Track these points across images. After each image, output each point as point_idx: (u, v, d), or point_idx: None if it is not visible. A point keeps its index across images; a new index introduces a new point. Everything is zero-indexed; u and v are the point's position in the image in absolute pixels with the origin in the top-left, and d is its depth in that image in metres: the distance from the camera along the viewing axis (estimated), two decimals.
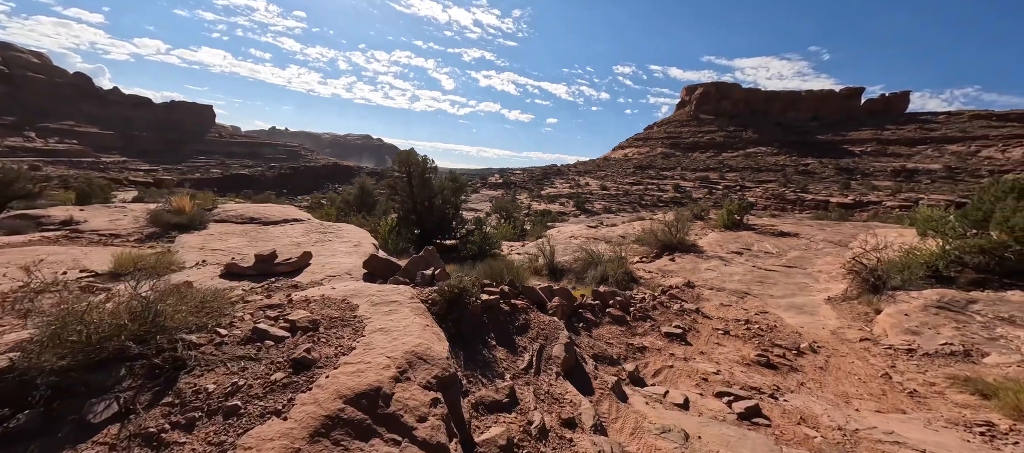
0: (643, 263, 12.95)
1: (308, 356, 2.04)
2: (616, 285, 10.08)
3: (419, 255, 4.19)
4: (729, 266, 11.81)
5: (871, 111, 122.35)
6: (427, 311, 2.95)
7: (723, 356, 4.92)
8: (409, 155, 15.13)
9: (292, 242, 5.30)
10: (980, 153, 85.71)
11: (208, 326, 2.16)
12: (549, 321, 3.72)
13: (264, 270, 3.90)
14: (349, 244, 5.41)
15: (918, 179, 78.63)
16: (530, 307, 3.89)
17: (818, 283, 10.10)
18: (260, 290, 3.29)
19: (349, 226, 7.02)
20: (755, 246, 14.98)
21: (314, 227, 6.21)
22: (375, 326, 2.49)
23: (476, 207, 61.09)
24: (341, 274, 4.03)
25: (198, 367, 1.85)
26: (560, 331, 3.62)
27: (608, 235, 20.36)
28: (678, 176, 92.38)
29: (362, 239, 5.82)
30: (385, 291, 3.12)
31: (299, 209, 7.93)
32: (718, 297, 9.01)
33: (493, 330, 3.31)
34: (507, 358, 3.03)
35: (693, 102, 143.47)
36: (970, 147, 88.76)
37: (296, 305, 2.77)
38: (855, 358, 5.50)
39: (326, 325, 2.47)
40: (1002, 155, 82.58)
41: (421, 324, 2.62)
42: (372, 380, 1.94)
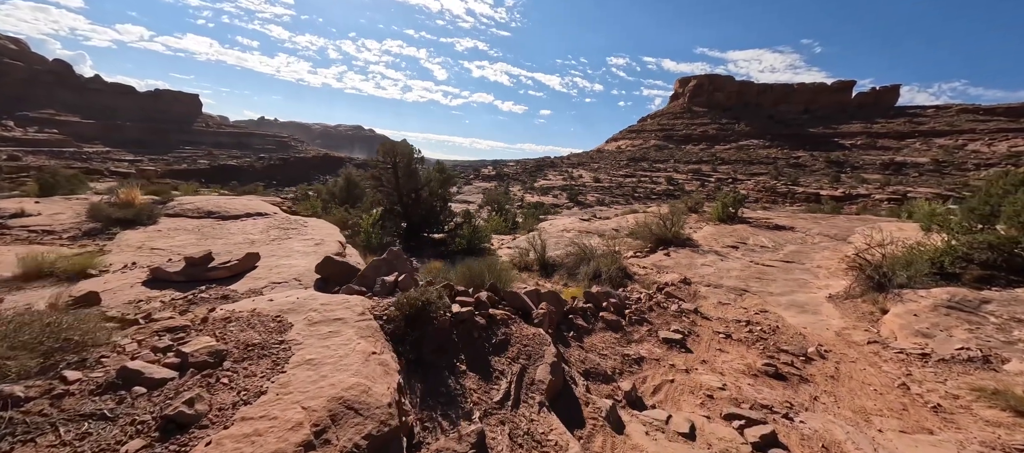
0: (637, 258, 12.51)
1: (189, 411, 1.49)
2: (610, 282, 9.62)
3: (381, 258, 3.63)
4: (726, 261, 11.41)
5: (862, 104, 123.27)
6: (379, 331, 2.42)
7: (727, 365, 4.46)
8: (394, 145, 14.45)
9: (246, 240, 4.71)
10: (967, 147, 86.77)
11: (52, 368, 1.59)
12: (534, 334, 3.20)
13: (194, 276, 3.32)
14: (310, 243, 4.83)
15: (906, 172, 79.44)
16: (512, 317, 3.37)
17: (818, 279, 9.73)
18: (179, 302, 2.73)
19: (318, 221, 6.43)
20: (750, 240, 14.62)
21: (278, 222, 5.62)
22: (303, 357, 1.96)
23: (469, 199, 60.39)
24: (288, 280, 3.47)
25: (7, 438, 1.28)
26: (546, 347, 3.10)
27: (601, 228, 19.91)
28: (671, 168, 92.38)
29: (327, 236, 5.24)
30: (332, 305, 2.58)
31: (268, 202, 7.31)
32: (716, 295, 8.59)
33: (465, 350, 2.78)
34: (479, 388, 2.51)
35: (686, 94, 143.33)
36: (957, 140, 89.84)
37: (209, 326, 2.21)
38: (866, 364, 5.09)
39: (237, 357, 1.93)
40: (988, 148, 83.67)
41: (364, 352, 2.09)
42: (270, 451, 1.39)
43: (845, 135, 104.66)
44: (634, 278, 10.08)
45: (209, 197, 6.74)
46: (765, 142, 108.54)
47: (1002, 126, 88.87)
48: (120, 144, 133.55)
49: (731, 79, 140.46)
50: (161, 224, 5.25)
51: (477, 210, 33.17)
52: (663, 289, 8.58)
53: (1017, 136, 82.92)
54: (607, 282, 9.56)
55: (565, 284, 10.71)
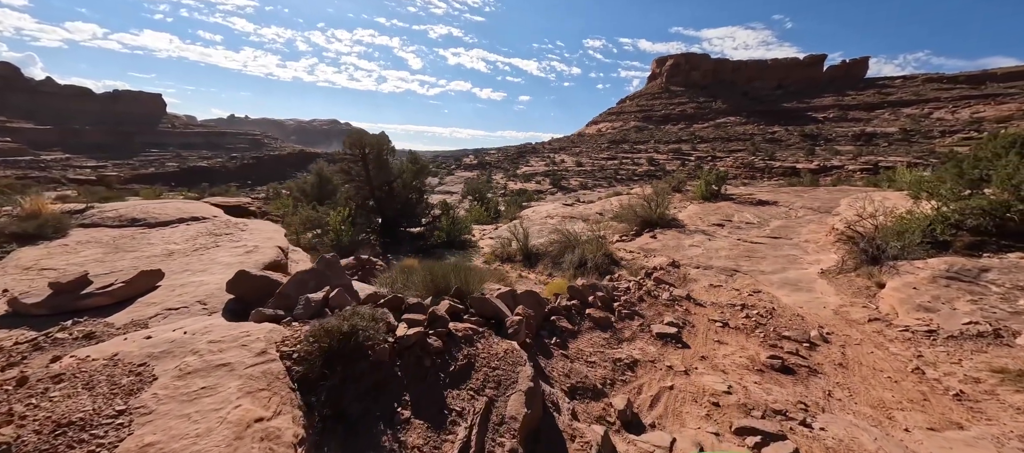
0: (623, 242, 12.07)
1: None
2: (596, 270, 9.13)
3: (308, 269, 2.95)
4: (713, 241, 11.07)
5: (833, 78, 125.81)
6: (283, 377, 1.80)
7: (729, 361, 4.00)
8: (362, 135, 13.54)
9: (164, 252, 3.97)
10: (932, 115, 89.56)
11: None
12: (506, 351, 2.61)
13: (61, 306, 2.60)
14: (240, 251, 4.11)
15: (877, 142, 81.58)
16: (479, 330, 2.77)
17: (808, 254, 9.45)
18: (22, 347, 2.03)
19: (260, 223, 5.68)
20: (735, 217, 14.38)
21: (211, 228, 4.85)
22: (138, 443, 1.32)
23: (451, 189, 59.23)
24: (190, 304, 2.78)
25: None
26: (520, 367, 2.52)
27: (585, 213, 19.47)
28: (652, 149, 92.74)
29: (264, 242, 4.53)
30: (224, 342, 1.94)
31: (212, 205, 6.48)
32: (706, 277, 8.19)
33: (411, 387, 2.17)
34: (429, 442, 1.91)
35: (664, 74, 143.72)
36: (923, 109, 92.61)
37: (20, 393, 1.55)
38: (873, 347, 4.71)
39: (35, 447, 1.29)
40: (952, 116, 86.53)
41: (242, 421, 1.48)
42: None
43: (818, 108, 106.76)
44: (621, 264, 9.62)
45: (138, 202, 5.89)
46: (742, 118, 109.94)
47: (964, 93, 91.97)
48: (80, 150, 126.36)
49: (707, 57, 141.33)
50: (71, 237, 4.45)
51: (459, 201, 32.39)
52: (652, 274, 8.13)
53: (978, 102, 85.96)
54: (593, 270, 9.07)
55: (549, 274, 10.19)
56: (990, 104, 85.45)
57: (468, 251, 13.47)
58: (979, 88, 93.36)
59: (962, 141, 68.39)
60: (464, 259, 12.25)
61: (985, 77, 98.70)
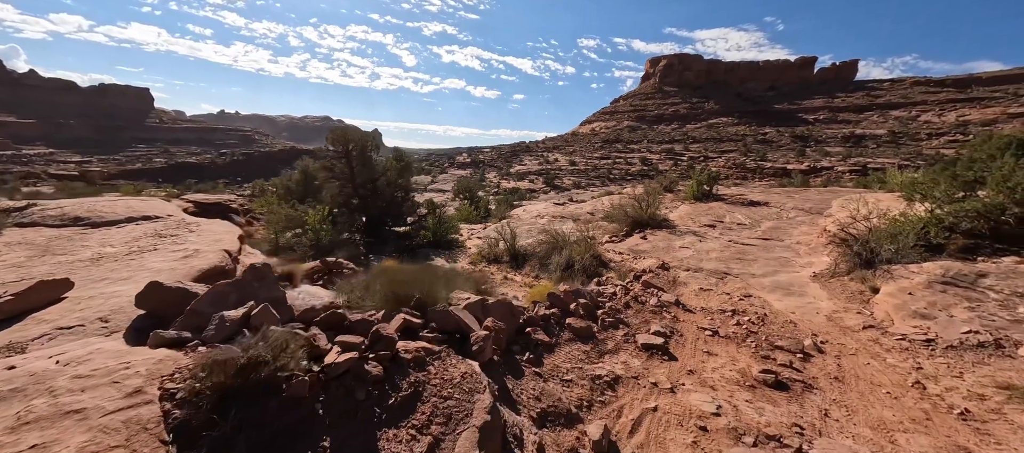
0: (613, 243, 11.80)
1: None
2: (583, 272, 8.84)
3: (229, 283, 2.54)
4: (704, 242, 10.83)
5: (824, 80, 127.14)
6: (155, 425, 1.44)
7: (719, 375, 3.71)
8: (346, 131, 13.10)
9: (94, 256, 3.57)
10: (920, 118, 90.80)
11: None
12: (464, 375, 2.27)
13: None
14: (178, 255, 3.72)
15: (865, 144, 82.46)
16: (436, 349, 2.43)
17: (800, 257, 9.24)
18: None
19: (215, 224, 5.28)
20: (727, 217, 14.19)
21: (162, 228, 4.45)
22: None
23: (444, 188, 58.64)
24: (90, 321, 2.40)
25: None
26: (478, 395, 2.18)
27: (576, 213, 19.20)
28: (644, 149, 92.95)
29: (211, 244, 4.13)
30: (93, 376, 1.59)
31: (186, 202, 6.06)
32: (696, 280, 7.93)
33: (335, 428, 1.81)
34: None
35: (657, 74, 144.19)
36: (911, 112, 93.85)
37: None
38: (869, 357, 4.45)
39: None
40: (939, 119, 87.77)
41: None
42: None
43: (808, 110, 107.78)
44: (610, 266, 9.34)
45: (84, 201, 5.44)
46: (734, 119, 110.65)
47: (951, 96, 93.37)
48: (66, 145, 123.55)
49: (700, 58, 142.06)
50: (2, 238, 4.02)
51: (451, 199, 31.94)
52: (640, 277, 7.85)
53: (964, 106, 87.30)
54: (580, 272, 8.78)
55: (536, 277, 9.88)
56: (976, 107, 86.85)
57: (455, 251, 13.12)
58: (965, 92, 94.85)
59: (948, 144, 69.37)
60: (450, 260, 11.90)
61: (971, 81, 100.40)
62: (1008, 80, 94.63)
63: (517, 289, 8.55)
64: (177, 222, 4.61)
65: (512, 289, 8.48)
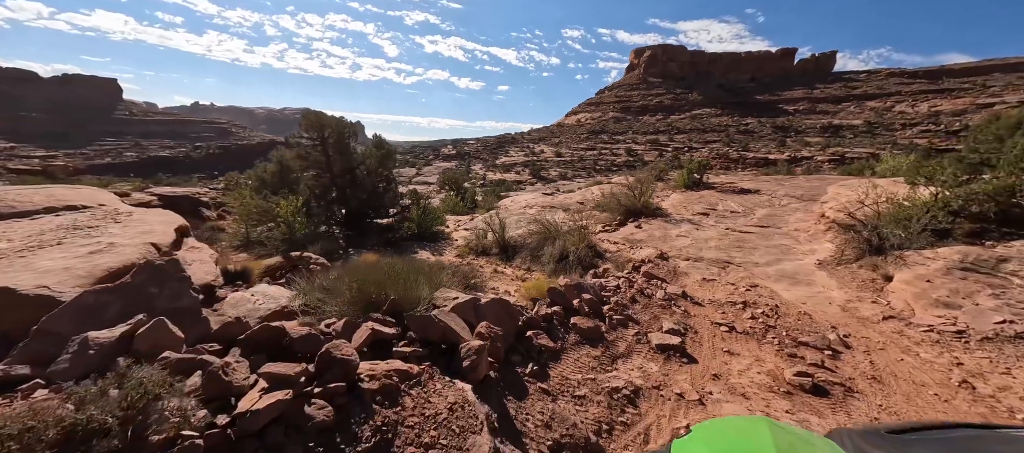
0: (607, 233, 11.33)
1: None
2: (579, 264, 8.33)
3: (105, 288, 1.80)
4: (701, 231, 10.44)
5: (803, 71, 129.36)
6: None
7: (747, 379, 3.24)
8: (321, 117, 12.23)
9: None
10: (894, 108, 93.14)
11: None
12: (453, 405, 1.68)
13: None
14: (84, 251, 2.98)
15: (843, 134, 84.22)
16: (415, 370, 1.84)
17: (800, 244, 8.91)
18: None
19: (152, 213, 4.54)
20: (720, 205, 13.90)
21: (85, 220, 3.70)
22: None
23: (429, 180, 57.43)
24: None
25: None
26: (473, 437, 1.58)
27: (565, 202, 18.69)
28: (630, 140, 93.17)
29: (137, 236, 3.41)
30: None
31: (106, 193, 5.27)
32: (698, 270, 7.50)
33: None
34: None
35: (642, 65, 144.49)
36: (886, 103, 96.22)
37: None
38: (901, 352, 4.05)
39: None
40: (912, 109, 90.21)
41: None
42: None
43: (789, 101, 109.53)
44: (606, 256, 8.85)
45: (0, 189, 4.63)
46: (717, 110, 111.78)
47: (924, 87, 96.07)
48: (29, 138, 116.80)
49: (683, 49, 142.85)
50: None
51: (437, 191, 31.06)
52: (640, 268, 7.37)
53: (936, 97, 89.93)
54: (576, 264, 8.26)
55: (528, 269, 9.34)
56: (947, 98, 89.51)
57: (441, 244, 12.46)
58: (936, 83, 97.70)
59: (921, 134, 71.33)
60: (435, 253, 11.25)
61: (942, 73, 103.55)
62: (976, 72, 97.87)
63: (509, 283, 7.99)
64: (105, 213, 3.86)
65: (504, 283, 7.91)
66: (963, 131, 65.82)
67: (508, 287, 7.38)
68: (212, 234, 12.02)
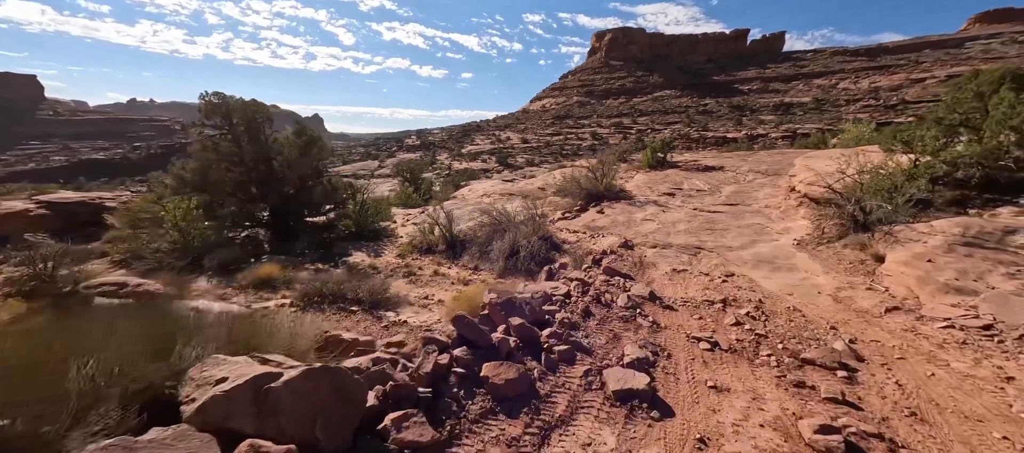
0: (566, 220, 10.20)
1: None
2: (531, 259, 7.12)
3: None
4: (668, 212, 9.50)
5: (755, 52, 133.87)
6: None
7: (749, 444, 2.13)
8: (227, 102, 10.28)
9: None
10: (839, 85, 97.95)
11: None
12: None
13: None
14: None
15: (794, 112, 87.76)
16: None
17: (773, 222, 8.10)
18: None
19: None
20: (685, 184, 13.11)
21: None
22: None
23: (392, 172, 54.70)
24: None
25: None
26: None
27: (526, 188, 17.48)
28: (595, 123, 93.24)
29: None
30: None
31: None
32: (666, 259, 6.47)
33: None
34: None
35: (603, 49, 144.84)
36: (831, 80, 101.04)
37: None
38: (925, 361, 3.11)
39: None
40: (854, 86, 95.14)
41: None
42: None
43: (743, 81, 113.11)
44: (564, 248, 7.70)
45: None
46: (677, 92, 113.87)
47: (864, 65, 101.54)
48: None
49: (642, 32, 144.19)
50: None
51: (401, 180, 28.92)
52: (601, 261, 6.25)
53: (875, 73, 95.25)
54: (528, 260, 7.06)
55: (475, 268, 8.06)
56: (884, 74, 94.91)
57: (382, 242, 10.93)
58: (875, 60, 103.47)
59: (863, 109, 75.24)
60: (372, 254, 9.74)
61: (880, 50, 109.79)
62: (909, 49, 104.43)
63: (447, 288, 6.68)
64: None
65: (440, 289, 6.59)
66: (900, 105, 70.06)
67: (444, 294, 6.08)
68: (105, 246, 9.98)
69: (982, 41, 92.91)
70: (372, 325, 4.06)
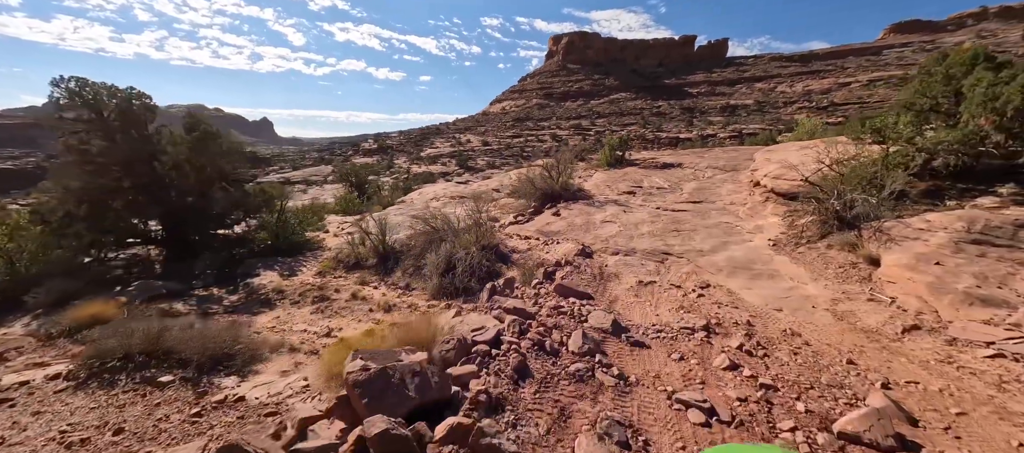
0: (519, 224, 9.03)
1: None
2: (471, 274, 5.84)
3: None
4: (629, 213, 8.58)
5: (702, 57, 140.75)
6: None
7: None
8: (99, 91, 8.22)
9: None
10: (777, 89, 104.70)
11: None
12: None
13: None
14: None
15: (738, 113, 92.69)
16: None
17: (742, 220, 7.34)
18: None
19: None
20: (645, 182, 12.39)
21: None
22: None
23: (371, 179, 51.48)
24: None
25: None
26: None
27: (479, 190, 16.19)
28: (554, 126, 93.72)
29: None
30: None
31: None
32: (631, 269, 5.43)
33: None
34: None
35: (560, 52, 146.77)
36: (770, 84, 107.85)
37: None
38: (998, 419, 2.18)
39: None
40: (790, 89, 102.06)
41: None
42: None
43: (692, 84, 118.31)
44: (512, 258, 6.49)
45: None
46: (632, 94, 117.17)
47: (798, 70, 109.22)
48: None
49: (598, 36, 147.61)
50: None
51: (361, 183, 26.59)
52: (553, 275, 5.11)
53: (808, 78, 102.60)
54: (466, 275, 5.77)
55: (406, 287, 6.67)
56: (816, 78, 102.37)
57: (305, 256, 9.24)
58: (808, 66, 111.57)
59: (799, 110, 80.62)
60: (286, 273, 8.07)
61: (811, 56, 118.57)
62: (836, 56, 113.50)
63: (362, 318, 5.26)
64: None
65: (352, 320, 5.16)
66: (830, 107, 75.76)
67: (354, 329, 4.67)
68: None
69: (896, 49, 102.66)
70: (180, 411, 2.55)
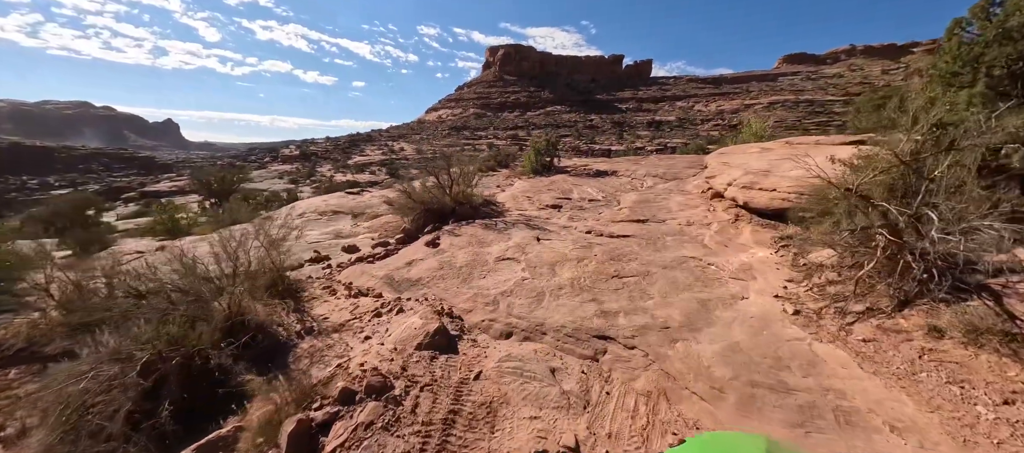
0: (367, 262, 5.56)
1: None
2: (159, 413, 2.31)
3: None
4: (546, 241, 5.54)
5: (629, 75, 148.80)
6: None
7: None
8: None
9: None
10: (695, 107, 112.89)
11: None
12: None
13: None
14: None
15: (663, 128, 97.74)
16: None
17: (714, 253, 4.65)
18: None
19: None
20: (575, 192, 9.63)
21: None
22: None
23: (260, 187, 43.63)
24: None
25: None
26: None
27: (367, 203, 12.52)
28: (491, 135, 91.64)
29: None
30: None
31: None
32: (528, 386, 2.29)
33: None
34: None
35: (497, 63, 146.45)
36: (689, 103, 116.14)
37: None
38: None
39: None
40: (706, 108, 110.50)
41: None
42: None
43: (621, 100, 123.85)
44: (290, 349, 3.06)
45: None
46: (566, 108, 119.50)
47: (711, 92, 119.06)
48: None
49: (534, 49, 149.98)
50: None
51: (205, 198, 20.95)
52: (328, 427, 1.64)
53: (720, 99, 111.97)
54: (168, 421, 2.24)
55: None
56: (726, 99, 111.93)
57: None
58: (719, 88, 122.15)
59: (714, 127, 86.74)
60: None
61: (721, 80, 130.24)
62: (741, 81, 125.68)
63: None
64: None
65: None
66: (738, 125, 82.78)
67: None
68: None
69: (788, 77, 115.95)
70: None
